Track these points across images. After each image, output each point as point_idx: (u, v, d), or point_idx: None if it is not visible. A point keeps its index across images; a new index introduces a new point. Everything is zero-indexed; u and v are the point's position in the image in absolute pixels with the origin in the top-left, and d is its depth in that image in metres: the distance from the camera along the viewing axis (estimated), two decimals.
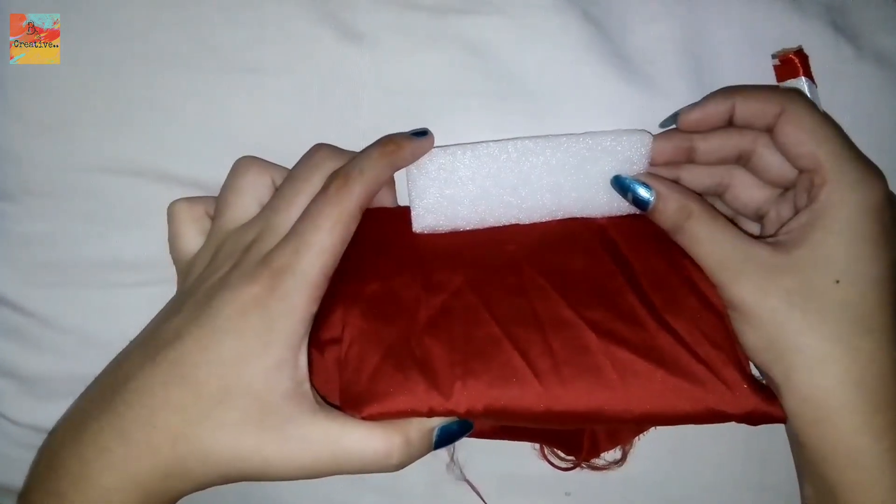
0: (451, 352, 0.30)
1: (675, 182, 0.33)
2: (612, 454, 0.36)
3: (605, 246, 0.33)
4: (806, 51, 0.36)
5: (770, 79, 0.37)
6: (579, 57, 0.36)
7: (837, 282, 0.29)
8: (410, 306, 0.31)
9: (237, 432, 0.28)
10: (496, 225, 0.34)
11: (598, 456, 0.36)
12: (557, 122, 0.36)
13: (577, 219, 0.34)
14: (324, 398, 0.31)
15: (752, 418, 0.30)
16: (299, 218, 0.30)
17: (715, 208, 0.32)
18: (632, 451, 0.37)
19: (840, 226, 0.29)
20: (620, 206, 0.34)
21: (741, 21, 0.37)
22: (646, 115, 0.36)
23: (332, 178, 0.30)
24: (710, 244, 0.30)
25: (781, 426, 0.32)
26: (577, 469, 0.36)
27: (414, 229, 0.34)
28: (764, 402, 0.30)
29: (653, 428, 0.36)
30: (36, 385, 0.37)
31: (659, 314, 0.31)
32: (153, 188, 0.36)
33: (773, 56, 0.36)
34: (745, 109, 0.31)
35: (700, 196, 0.32)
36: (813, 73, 0.36)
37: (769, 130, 0.31)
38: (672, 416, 0.30)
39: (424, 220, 0.34)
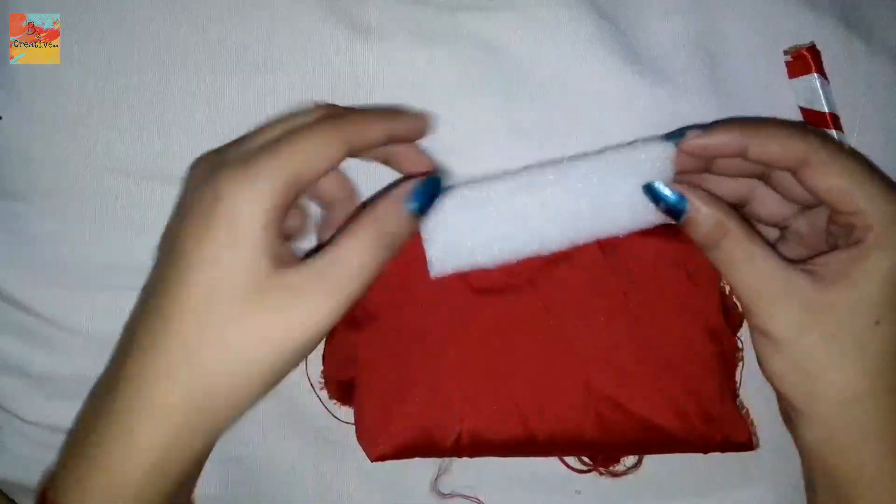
0: (457, 385, 0.32)
1: (711, 194, 0.31)
2: (631, 459, 0.37)
3: (614, 269, 0.33)
4: (818, 47, 0.35)
5: (782, 74, 0.36)
6: (591, 52, 0.36)
7: (877, 323, 0.29)
8: (419, 340, 0.33)
9: (234, 323, 0.27)
10: (515, 260, 0.33)
11: (617, 462, 0.36)
12: (568, 118, 0.36)
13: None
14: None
15: (723, 447, 0.33)
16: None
17: (753, 227, 0.31)
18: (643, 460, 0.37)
19: (884, 273, 0.29)
20: (644, 221, 0.32)
21: (754, 16, 0.36)
22: (659, 110, 0.36)
23: (323, 112, 0.31)
24: (746, 268, 0.29)
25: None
26: (595, 474, 0.37)
27: (431, 275, 0.32)
28: (731, 436, 0.33)
29: None
30: (44, 384, 0.37)
31: (652, 344, 0.33)
32: (162, 189, 0.36)
33: (786, 52, 0.36)
34: (762, 154, 0.30)
35: (736, 211, 0.31)
36: (825, 69, 0.35)
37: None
38: (658, 445, 0.33)
39: (442, 268, 0.32)
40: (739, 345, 0.35)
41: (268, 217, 0.27)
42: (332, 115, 0.30)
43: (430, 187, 0.30)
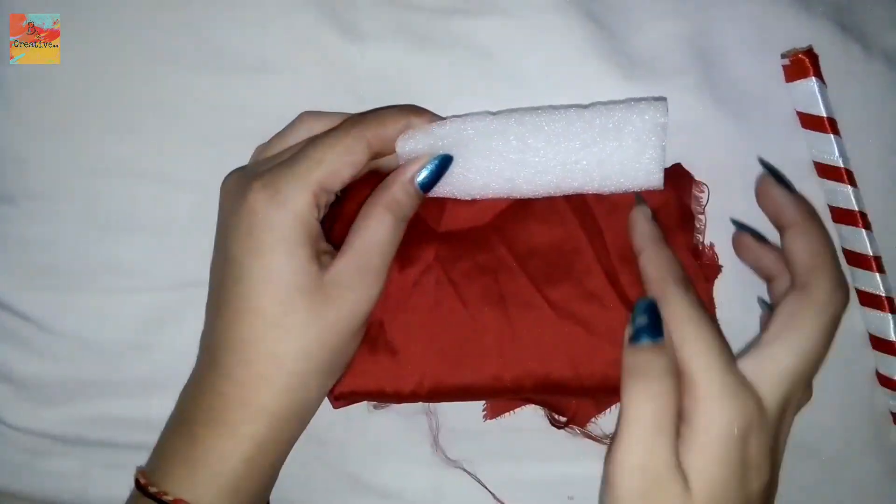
0: (418, 334, 0.32)
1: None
2: (608, 428, 0.36)
3: (581, 219, 0.33)
4: (814, 50, 0.35)
5: (778, 77, 0.36)
6: (583, 57, 0.36)
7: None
8: (388, 283, 0.32)
9: (312, 322, 0.29)
10: (487, 195, 0.33)
11: (586, 421, 0.36)
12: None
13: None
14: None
15: None
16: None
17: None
18: None
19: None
20: (632, 184, 0.32)
21: (749, 19, 0.36)
22: None
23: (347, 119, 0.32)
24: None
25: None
26: (569, 431, 0.36)
27: (396, 149, 0.32)
28: None
29: None
30: (33, 389, 0.37)
31: (622, 289, 0.32)
32: (153, 191, 0.36)
33: (783, 56, 0.36)
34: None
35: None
36: (823, 73, 0.35)
37: None
38: (614, 387, 0.31)
39: (403, 148, 0.32)
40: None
41: (304, 227, 0.29)
42: (353, 119, 0.31)
43: (439, 164, 0.32)
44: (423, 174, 0.31)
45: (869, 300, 0.37)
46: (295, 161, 0.30)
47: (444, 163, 0.32)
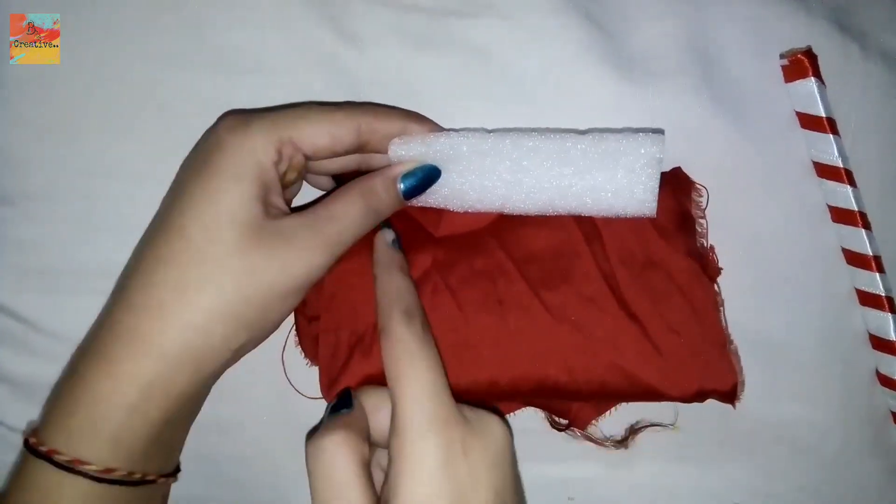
0: None
1: None
2: (609, 431, 0.36)
3: (580, 222, 0.33)
4: (813, 51, 0.35)
5: (777, 77, 0.36)
6: (580, 58, 0.36)
7: None
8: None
9: (233, 257, 0.27)
10: (480, 210, 0.33)
11: (586, 424, 0.36)
12: (557, 123, 0.36)
13: None
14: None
15: (696, 397, 0.32)
16: None
17: None
18: (635, 438, 0.36)
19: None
20: (625, 212, 0.32)
21: (747, 19, 0.36)
22: (650, 114, 0.36)
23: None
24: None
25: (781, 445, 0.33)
26: (569, 434, 0.36)
27: (389, 151, 0.32)
28: (712, 383, 0.32)
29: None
30: (28, 390, 0.36)
31: (621, 294, 0.32)
32: (151, 192, 0.35)
33: (782, 56, 0.36)
34: None
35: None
36: (822, 73, 0.35)
37: None
38: (629, 391, 0.32)
39: (396, 152, 0.32)
40: (717, 289, 0.34)
41: (259, 164, 0.28)
42: (353, 103, 0.32)
43: (426, 173, 0.31)
44: (409, 179, 0.31)
45: (869, 300, 0.37)
46: (276, 110, 0.30)
47: (432, 174, 0.31)
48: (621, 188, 0.31)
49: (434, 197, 0.32)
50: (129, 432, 0.27)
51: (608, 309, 0.32)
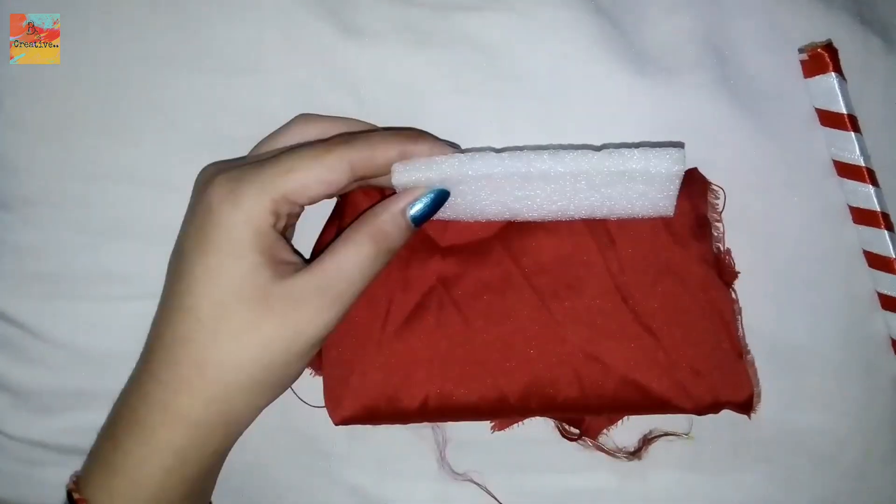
0: (421, 355, 0.32)
1: None
2: (622, 440, 0.36)
3: (592, 228, 0.32)
4: (833, 44, 0.35)
5: (796, 73, 0.35)
6: (591, 53, 0.35)
7: None
8: (384, 305, 0.32)
9: (246, 333, 0.28)
10: (489, 220, 0.32)
11: (598, 433, 0.35)
12: (567, 121, 0.35)
13: None
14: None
15: (711, 409, 0.32)
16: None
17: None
18: (648, 449, 0.36)
19: None
20: (642, 215, 0.31)
21: (764, 12, 0.35)
22: (664, 110, 0.35)
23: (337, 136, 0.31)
24: None
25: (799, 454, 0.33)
26: (581, 444, 0.36)
27: (392, 178, 0.30)
28: (727, 394, 0.31)
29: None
30: (27, 398, 0.36)
31: (635, 304, 0.32)
32: (149, 197, 0.35)
33: (801, 50, 0.35)
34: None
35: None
36: (842, 68, 0.34)
37: None
38: (641, 404, 0.32)
39: (400, 179, 0.30)
40: (734, 296, 0.33)
41: (257, 232, 0.28)
42: (343, 137, 0.30)
43: (435, 199, 0.31)
44: (417, 207, 0.30)
45: (891, 304, 0.36)
46: (264, 165, 0.29)
47: (441, 198, 0.31)
48: (640, 209, 0.31)
49: (440, 214, 0.31)
50: (167, 491, 0.29)
51: (620, 321, 0.31)
